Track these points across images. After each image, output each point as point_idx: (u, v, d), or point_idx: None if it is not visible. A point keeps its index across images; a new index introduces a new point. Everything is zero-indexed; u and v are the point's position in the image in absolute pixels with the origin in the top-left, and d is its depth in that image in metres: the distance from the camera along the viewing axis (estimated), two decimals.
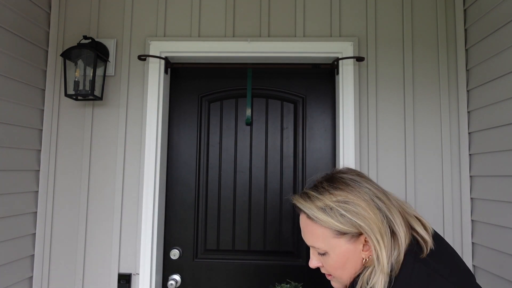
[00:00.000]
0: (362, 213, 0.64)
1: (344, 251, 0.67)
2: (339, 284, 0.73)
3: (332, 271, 0.71)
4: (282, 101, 1.64)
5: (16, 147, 1.40)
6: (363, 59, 1.48)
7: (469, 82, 1.47)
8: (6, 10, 1.33)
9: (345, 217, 0.65)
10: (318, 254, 0.71)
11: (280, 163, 1.61)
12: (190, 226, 1.60)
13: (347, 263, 0.68)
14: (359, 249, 0.67)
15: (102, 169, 1.53)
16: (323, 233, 0.67)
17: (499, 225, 1.24)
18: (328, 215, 0.66)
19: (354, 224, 0.65)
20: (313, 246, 0.71)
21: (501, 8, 1.26)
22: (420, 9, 1.53)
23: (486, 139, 1.34)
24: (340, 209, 0.65)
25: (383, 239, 0.64)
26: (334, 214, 0.65)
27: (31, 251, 1.49)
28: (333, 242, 0.67)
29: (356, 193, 0.66)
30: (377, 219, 0.64)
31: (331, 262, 0.69)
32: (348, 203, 0.65)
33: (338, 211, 0.65)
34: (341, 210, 0.65)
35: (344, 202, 0.65)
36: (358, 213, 0.64)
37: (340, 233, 0.66)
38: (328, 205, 0.66)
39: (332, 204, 0.66)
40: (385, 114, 1.50)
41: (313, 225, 0.69)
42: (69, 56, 1.45)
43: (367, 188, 0.68)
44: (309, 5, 1.56)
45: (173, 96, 1.65)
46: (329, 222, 0.66)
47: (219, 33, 1.56)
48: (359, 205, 0.65)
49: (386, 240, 0.64)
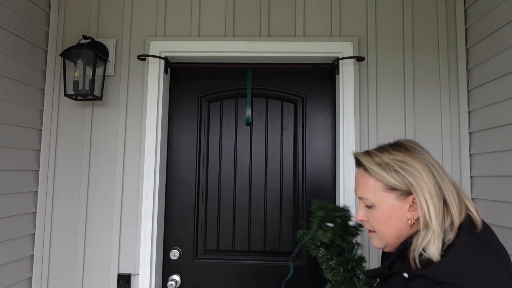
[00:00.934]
0: (415, 173, 0.68)
1: (391, 206, 0.71)
2: (379, 241, 0.75)
3: (376, 225, 0.74)
4: (282, 101, 1.64)
5: (15, 147, 1.39)
6: (363, 59, 1.48)
7: (469, 82, 1.46)
8: (5, 10, 1.33)
9: (398, 173, 0.69)
10: (366, 207, 0.75)
11: (280, 163, 1.60)
12: (190, 226, 1.60)
13: (391, 219, 0.71)
14: (405, 208, 0.70)
15: (101, 169, 1.53)
16: (374, 185, 0.72)
17: (499, 225, 1.24)
18: (383, 169, 0.71)
19: (405, 181, 0.69)
20: (363, 197, 0.75)
21: (501, 8, 1.26)
22: (421, 9, 1.53)
23: (486, 139, 1.34)
24: (395, 165, 0.70)
25: (433, 201, 0.66)
26: (388, 169, 0.70)
27: (30, 251, 1.49)
28: (382, 195, 0.71)
29: (413, 157, 0.71)
30: (429, 182, 0.68)
31: (376, 215, 0.73)
32: (404, 163, 0.70)
33: (393, 167, 0.70)
34: (396, 167, 0.70)
35: (400, 161, 0.70)
36: (411, 172, 0.68)
37: (390, 188, 0.70)
38: (384, 161, 0.71)
39: (389, 161, 0.71)
40: (385, 114, 1.50)
41: (367, 177, 0.74)
42: (69, 56, 1.44)
43: (425, 155, 0.72)
44: (309, 5, 1.56)
45: (173, 96, 1.65)
46: (383, 175, 0.71)
47: (219, 33, 1.56)
48: (413, 166, 0.69)
49: (436, 204, 0.66)
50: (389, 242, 0.74)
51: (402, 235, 0.71)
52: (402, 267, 0.66)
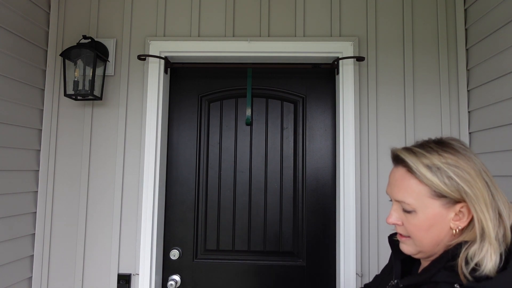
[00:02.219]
0: (470, 181, 0.62)
1: (435, 214, 0.64)
2: (413, 247, 0.69)
3: (413, 231, 0.67)
4: (282, 101, 1.64)
5: (15, 147, 1.39)
6: (363, 59, 1.48)
7: (469, 82, 1.46)
8: (5, 10, 1.33)
9: (452, 180, 0.63)
10: (403, 211, 0.69)
11: (280, 163, 1.60)
12: (190, 226, 1.60)
13: (432, 227, 0.65)
14: (449, 217, 0.64)
15: (101, 169, 1.53)
16: (420, 190, 0.65)
17: None
18: (434, 174, 0.64)
19: (459, 189, 0.62)
20: (402, 201, 0.67)
21: (501, 8, 1.26)
22: (421, 9, 1.53)
23: (486, 139, 1.34)
24: (449, 171, 0.63)
25: (489, 211, 0.61)
26: (441, 174, 0.63)
27: (30, 251, 1.49)
28: (427, 202, 0.65)
29: (467, 161, 0.64)
30: (484, 190, 0.62)
31: (416, 222, 0.66)
32: (459, 168, 0.63)
33: (446, 173, 0.63)
34: (450, 173, 0.63)
35: (455, 166, 0.63)
36: (467, 180, 0.62)
37: (438, 195, 0.64)
38: (436, 164, 0.64)
39: (441, 165, 0.64)
40: (385, 114, 1.50)
41: (411, 179, 0.66)
42: (69, 56, 1.44)
43: (476, 160, 0.65)
44: (309, 5, 1.56)
45: (173, 96, 1.65)
46: (433, 181, 0.63)
47: (219, 33, 1.56)
48: (469, 173, 0.63)
49: (492, 213, 0.61)
50: (424, 250, 0.68)
51: (440, 243, 0.66)
52: (449, 277, 0.61)
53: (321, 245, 1.56)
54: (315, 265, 1.55)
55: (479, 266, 0.58)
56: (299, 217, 1.58)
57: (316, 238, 1.56)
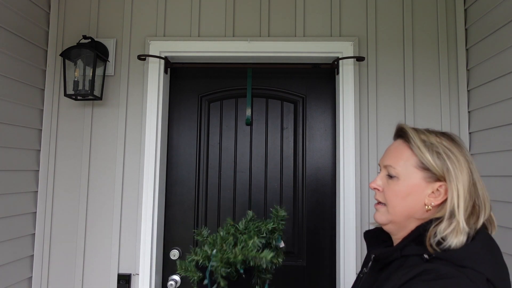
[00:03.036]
0: (456, 163, 0.67)
1: (415, 184, 0.69)
2: (385, 215, 0.73)
3: (391, 197, 0.72)
4: (282, 101, 1.63)
5: (15, 147, 1.39)
6: (363, 59, 1.48)
7: (469, 82, 1.46)
8: (5, 10, 1.33)
9: (440, 156, 0.68)
10: (387, 177, 0.74)
11: (280, 163, 1.60)
12: (190, 226, 1.60)
13: (409, 196, 0.70)
14: (426, 192, 0.69)
15: (101, 169, 1.53)
16: (408, 158, 0.71)
17: (499, 225, 1.24)
18: (426, 147, 0.69)
19: (444, 166, 0.67)
20: (390, 165, 0.73)
21: (501, 8, 1.26)
22: (421, 9, 1.53)
23: (486, 139, 1.34)
24: (440, 149, 0.69)
25: (465, 195, 0.66)
26: (431, 149, 0.69)
27: (30, 251, 1.49)
28: (411, 170, 0.70)
29: (459, 149, 0.70)
30: (467, 176, 0.67)
31: (396, 188, 0.71)
32: (450, 150, 0.69)
33: (438, 149, 0.69)
34: (441, 150, 0.68)
35: (447, 148, 0.69)
36: (453, 161, 0.67)
37: (423, 167, 0.69)
38: (431, 141, 0.70)
39: (435, 143, 0.70)
40: (385, 114, 1.50)
41: (404, 148, 0.72)
42: (69, 56, 1.44)
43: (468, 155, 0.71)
44: (309, 5, 1.56)
45: (173, 96, 1.65)
46: (423, 152, 0.69)
47: (219, 33, 1.56)
48: (457, 157, 0.68)
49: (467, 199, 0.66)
50: (395, 219, 0.72)
51: (411, 217, 0.70)
52: (419, 250, 0.65)
53: (321, 245, 1.55)
54: (315, 265, 1.55)
55: (444, 240, 0.63)
56: (299, 217, 1.58)
57: (316, 238, 1.56)
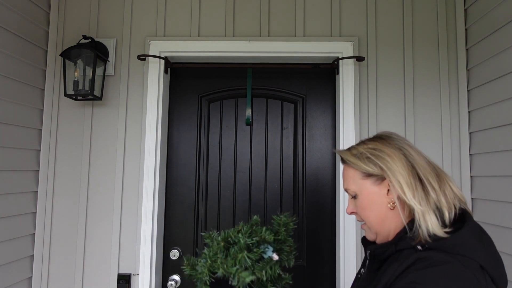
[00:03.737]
0: (385, 158, 0.73)
1: (370, 192, 0.75)
2: (369, 232, 0.79)
3: (362, 213, 0.78)
4: (282, 101, 1.63)
5: (15, 147, 1.39)
6: (363, 59, 1.48)
7: (469, 82, 1.46)
8: (5, 10, 1.33)
9: (370, 159, 0.75)
10: (352, 198, 0.80)
11: (280, 163, 1.60)
12: (190, 226, 1.60)
13: (373, 204, 0.75)
14: (383, 193, 0.75)
15: (101, 169, 1.53)
16: (353, 175, 0.78)
17: (499, 225, 1.24)
18: (357, 158, 0.77)
19: (376, 166, 0.74)
20: (348, 188, 0.80)
21: (501, 8, 1.26)
22: (421, 9, 1.53)
23: (486, 139, 1.34)
24: (367, 153, 0.76)
25: (406, 181, 0.70)
26: (362, 157, 0.76)
27: (30, 251, 1.49)
28: (360, 182, 0.77)
29: (386, 143, 0.76)
30: (401, 164, 0.72)
31: (360, 204, 0.77)
32: (375, 149, 0.76)
33: (365, 155, 0.76)
34: (368, 154, 0.75)
35: (372, 149, 0.76)
36: (381, 157, 0.74)
37: (366, 175, 0.76)
38: (359, 151, 0.78)
39: (363, 150, 0.77)
40: (385, 114, 1.50)
41: (347, 169, 0.80)
42: (69, 56, 1.44)
43: (398, 141, 0.77)
44: (309, 5, 1.56)
45: (173, 96, 1.65)
46: (357, 163, 0.76)
47: (219, 33, 1.56)
48: (384, 151, 0.74)
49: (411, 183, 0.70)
50: (377, 231, 0.77)
51: (386, 221, 0.75)
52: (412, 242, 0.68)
53: (321, 245, 1.55)
54: (315, 265, 1.55)
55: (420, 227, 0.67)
56: (299, 217, 1.58)
57: (316, 238, 1.56)
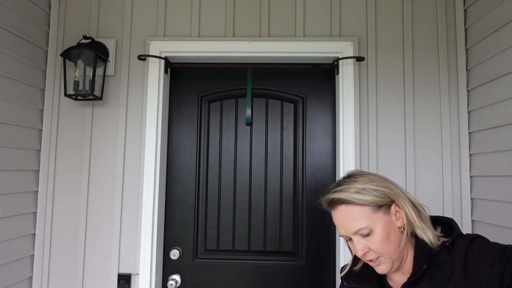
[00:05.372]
0: (387, 185, 0.78)
1: (385, 223, 0.76)
2: (386, 263, 0.77)
3: (379, 247, 0.76)
4: (282, 101, 1.64)
5: (16, 147, 1.40)
6: (363, 59, 1.48)
7: (469, 82, 1.46)
8: (5, 10, 1.33)
9: (377, 190, 0.76)
10: (362, 238, 0.77)
11: (280, 163, 1.60)
12: (190, 226, 1.60)
13: (390, 234, 0.75)
14: (393, 219, 0.77)
15: (102, 169, 1.53)
16: (364, 212, 0.76)
17: (499, 225, 1.24)
18: (363, 194, 0.76)
19: (386, 194, 0.76)
20: (357, 229, 0.76)
21: (501, 8, 1.26)
22: (420, 9, 1.53)
23: (486, 139, 1.34)
24: (371, 186, 0.77)
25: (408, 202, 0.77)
26: (368, 191, 0.76)
27: (30, 251, 1.49)
28: (374, 217, 0.76)
29: (373, 177, 0.80)
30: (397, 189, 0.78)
31: (378, 238, 0.75)
32: (374, 181, 0.78)
33: (371, 188, 0.77)
34: (372, 187, 0.77)
35: (370, 182, 0.78)
36: (385, 186, 0.77)
37: (377, 207, 0.76)
38: (360, 187, 0.77)
39: (363, 186, 0.77)
40: (385, 114, 1.50)
41: (353, 209, 0.77)
42: (69, 56, 1.44)
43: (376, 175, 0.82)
44: (309, 5, 1.56)
45: (173, 96, 1.65)
46: (367, 199, 0.76)
47: (219, 33, 1.56)
48: (381, 182, 0.78)
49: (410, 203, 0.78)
50: (395, 258, 0.77)
51: (401, 245, 0.76)
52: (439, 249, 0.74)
53: (321, 245, 1.56)
54: (315, 265, 1.55)
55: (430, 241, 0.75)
56: (299, 217, 1.58)
57: (316, 238, 1.56)
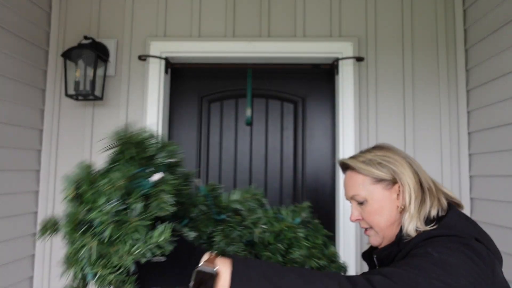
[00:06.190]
0: (396, 163, 0.77)
1: (381, 197, 0.77)
2: (376, 236, 0.79)
3: (370, 219, 0.78)
4: (282, 101, 1.64)
5: (16, 147, 1.40)
6: (362, 59, 1.49)
7: (468, 82, 1.47)
8: (6, 11, 1.33)
9: (382, 164, 0.77)
10: (358, 205, 0.80)
11: (280, 163, 1.61)
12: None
13: (383, 209, 0.77)
14: (393, 197, 0.76)
15: None
16: (363, 180, 0.78)
17: (498, 225, 1.24)
18: (368, 164, 0.78)
19: (389, 170, 0.76)
20: (355, 194, 0.79)
21: (500, 9, 1.26)
22: (420, 9, 1.54)
23: (485, 139, 1.34)
24: (378, 159, 0.78)
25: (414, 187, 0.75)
26: (372, 163, 0.78)
27: (31, 250, 1.49)
28: (371, 188, 0.77)
29: (393, 152, 0.80)
30: (409, 170, 0.76)
31: (370, 209, 0.78)
32: (386, 156, 0.78)
33: (376, 160, 0.78)
34: (379, 159, 0.78)
35: (383, 155, 0.79)
36: (393, 163, 0.77)
37: (377, 180, 0.77)
38: (368, 158, 0.79)
39: (372, 157, 0.79)
40: (384, 114, 1.51)
41: (355, 175, 0.80)
42: (70, 56, 1.45)
43: (401, 152, 0.82)
44: (309, 5, 1.56)
45: (173, 96, 1.66)
46: (369, 169, 0.77)
47: (219, 33, 1.57)
48: (394, 158, 0.78)
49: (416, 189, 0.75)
50: (385, 234, 0.78)
51: (394, 223, 0.76)
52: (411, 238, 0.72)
53: None
54: None
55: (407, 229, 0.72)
56: None
57: None
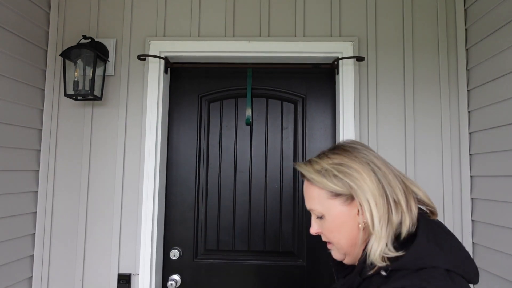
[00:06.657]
0: (354, 175, 0.65)
1: (339, 213, 0.67)
2: (337, 252, 0.72)
3: (329, 235, 0.71)
4: (282, 101, 1.64)
5: (15, 147, 1.40)
6: (363, 59, 1.48)
7: (469, 82, 1.46)
8: (5, 10, 1.33)
9: (337, 177, 0.66)
10: (317, 218, 0.72)
11: (280, 163, 1.60)
12: (190, 226, 1.60)
13: (342, 226, 0.68)
14: (353, 213, 0.67)
15: (101, 169, 1.53)
16: (319, 195, 0.69)
17: (499, 225, 1.24)
18: (323, 176, 0.67)
19: (345, 184, 0.66)
20: (311, 208, 0.72)
21: (501, 8, 1.26)
22: (421, 9, 1.53)
23: (486, 139, 1.34)
24: (334, 170, 0.67)
25: (377, 202, 0.63)
26: (328, 175, 0.67)
27: (30, 251, 1.49)
28: (327, 203, 0.68)
29: (352, 157, 0.68)
30: (370, 181, 0.65)
31: (327, 225, 0.69)
32: (342, 165, 0.67)
33: (332, 172, 0.67)
34: (334, 171, 0.66)
35: (339, 164, 0.67)
36: (350, 174, 0.65)
37: (334, 194, 0.67)
38: (323, 167, 0.68)
39: (328, 166, 0.68)
40: (385, 114, 1.50)
41: (311, 187, 0.70)
42: (69, 56, 1.44)
43: (365, 154, 0.69)
44: (309, 5, 1.56)
45: (173, 96, 1.65)
46: (323, 182, 0.67)
47: (219, 33, 1.56)
48: (352, 167, 0.66)
49: (380, 204, 0.63)
50: (347, 252, 0.70)
51: (357, 242, 0.67)
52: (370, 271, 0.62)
53: (321, 245, 1.56)
54: (315, 265, 1.55)
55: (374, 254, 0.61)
56: (299, 217, 1.58)
57: (316, 238, 1.56)
